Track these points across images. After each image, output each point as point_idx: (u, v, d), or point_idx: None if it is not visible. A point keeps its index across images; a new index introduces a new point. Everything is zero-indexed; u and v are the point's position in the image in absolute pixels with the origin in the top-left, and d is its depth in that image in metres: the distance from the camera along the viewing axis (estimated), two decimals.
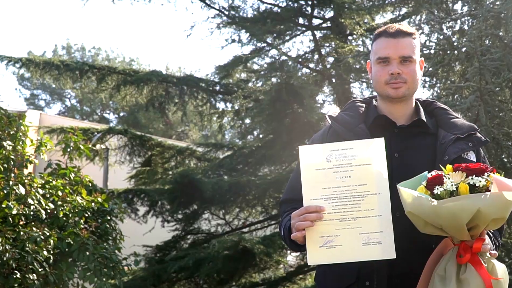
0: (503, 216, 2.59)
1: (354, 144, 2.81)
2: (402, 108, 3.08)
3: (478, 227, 2.58)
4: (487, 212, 2.52)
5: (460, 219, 2.54)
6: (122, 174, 14.55)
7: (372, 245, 2.70)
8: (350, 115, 3.10)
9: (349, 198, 2.75)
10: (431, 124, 3.09)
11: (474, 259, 2.60)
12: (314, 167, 2.81)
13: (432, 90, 9.17)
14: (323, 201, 2.77)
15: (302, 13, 13.22)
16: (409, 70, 3.01)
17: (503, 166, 7.54)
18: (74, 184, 7.38)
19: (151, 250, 12.56)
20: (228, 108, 14.75)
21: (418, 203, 2.58)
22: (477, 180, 2.55)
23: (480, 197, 2.52)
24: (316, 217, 2.75)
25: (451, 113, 3.15)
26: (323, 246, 2.75)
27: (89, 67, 13.73)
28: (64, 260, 6.82)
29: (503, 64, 7.49)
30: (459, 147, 2.94)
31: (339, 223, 2.74)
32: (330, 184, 2.78)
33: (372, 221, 2.72)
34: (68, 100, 43.56)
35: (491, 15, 7.98)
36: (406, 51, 3.01)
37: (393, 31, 3.04)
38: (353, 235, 2.73)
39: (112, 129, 14.48)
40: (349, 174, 2.77)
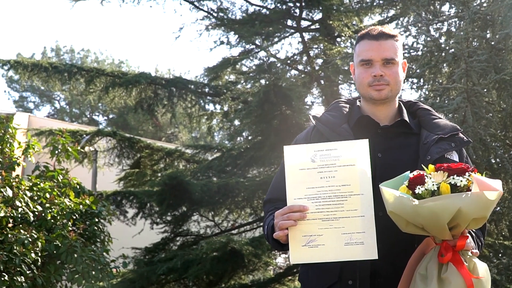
0: (484, 216, 2.61)
1: (338, 145, 2.84)
2: (385, 109, 3.11)
3: (459, 226, 2.60)
4: (468, 212, 2.54)
5: (441, 219, 2.55)
6: (111, 176, 14.54)
7: (355, 245, 2.72)
8: (333, 116, 3.12)
9: (333, 198, 2.77)
10: (414, 125, 3.11)
11: (455, 258, 2.62)
12: (299, 167, 2.83)
13: (420, 92, 9.21)
14: (307, 201, 2.78)
15: (290, 15, 13.25)
16: (391, 72, 3.04)
17: (490, 167, 7.58)
18: (62, 186, 7.36)
19: (140, 252, 12.54)
20: (217, 110, 14.77)
21: (400, 202, 2.60)
22: (458, 180, 2.57)
23: (461, 197, 2.54)
24: (299, 216, 2.76)
25: (434, 114, 3.17)
26: (305, 245, 2.76)
27: (77, 69, 13.70)
28: (52, 263, 6.80)
29: (490, 65, 7.53)
30: (442, 147, 2.96)
31: (322, 222, 2.76)
32: (314, 184, 2.79)
33: (355, 221, 2.74)
34: (57, 102, 43.46)
35: (478, 16, 8.02)
36: (388, 54, 3.03)
37: (376, 34, 3.06)
38: (336, 235, 2.74)
39: (101, 131, 14.47)
40: (333, 174, 2.79)
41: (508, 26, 7.50)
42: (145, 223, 12.90)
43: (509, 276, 8.81)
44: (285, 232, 2.79)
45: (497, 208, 8.80)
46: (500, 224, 8.85)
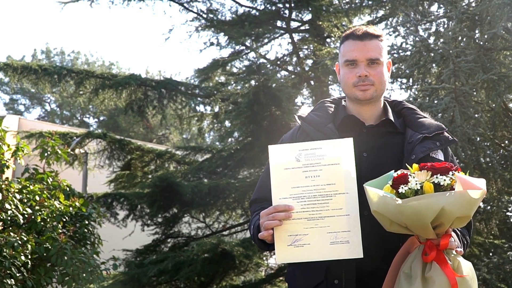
0: (468, 214, 2.62)
1: (323, 144, 2.84)
2: (370, 109, 3.11)
3: (443, 225, 2.61)
4: (451, 210, 2.55)
5: (425, 217, 2.56)
6: (102, 178, 14.52)
7: (340, 244, 2.73)
8: (319, 116, 3.12)
9: (318, 197, 2.77)
10: (399, 124, 3.12)
11: (439, 257, 2.62)
12: (284, 166, 2.83)
13: (409, 92, 9.24)
14: (292, 200, 2.79)
15: (280, 16, 13.27)
16: (376, 73, 3.04)
17: (479, 166, 7.61)
18: (52, 189, 7.34)
19: (131, 254, 12.53)
20: (208, 111, 14.77)
21: (383, 202, 2.61)
22: (442, 179, 2.58)
23: (444, 195, 2.55)
24: (284, 216, 2.77)
25: (419, 113, 3.17)
26: (291, 245, 2.77)
27: (67, 71, 13.69)
28: (42, 265, 6.78)
29: (478, 65, 7.55)
30: (427, 146, 2.96)
31: (307, 222, 2.77)
32: (299, 183, 2.80)
33: (340, 220, 2.74)
34: (47, 105, 43.35)
35: (466, 16, 8.05)
36: (373, 54, 3.03)
37: (360, 34, 3.06)
38: (321, 234, 2.75)
39: (91, 133, 14.45)
40: (318, 173, 2.80)
41: (496, 25, 7.53)
42: (136, 225, 12.89)
43: (499, 274, 8.84)
44: (270, 232, 2.80)
45: (487, 207, 8.84)
46: (490, 223, 8.88)
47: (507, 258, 9.59)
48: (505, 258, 9.76)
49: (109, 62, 44.52)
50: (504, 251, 10.41)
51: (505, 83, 7.89)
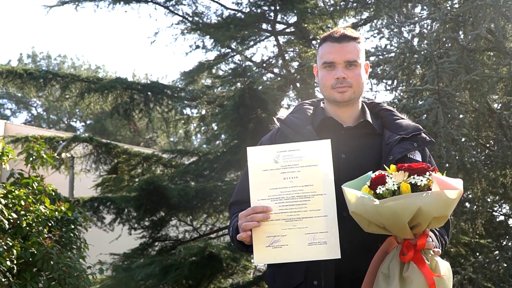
0: (445, 214, 2.64)
1: (301, 145, 2.85)
2: (349, 110, 3.13)
3: (420, 225, 2.62)
4: (428, 210, 2.56)
5: (402, 218, 2.58)
6: (89, 182, 14.49)
7: (318, 245, 2.74)
8: (297, 118, 3.14)
9: (296, 198, 2.78)
10: (377, 126, 3.14)
11: (417, 257, 2.64)
12: (262, 168, 2.85)
13: (394, 93, 9.28)
14: (270, 201, 2.80)
15: (265, 19, 13.29)
16: (354, 75, 3.06)
17: (463, 167, 7.65)
18: (37, 193, 7.32)
19: (119, 258, 12.51)
20: (194, 114, 14.78)
21: (361, 202, 2.62)
22: (419, 179, 2.60)
23: (421, 196, 2.57)
24: (262, 217, 2.78)
25: (397, 115, 3.20)
26: (269, 246, 2.78)
27: (52, 75, 13.67)
28: (28, 270, 6.75)
29: (461, 66, 7.60)
30: (404, 147, 2.98)
31: (285, 223, 2.78)
32: (277, 185, 2.81)
33: (318, 221, 2.76)
34: (34, 109, 43.18)
35: (449, 18, 8.10)
36: (351, 56, 3.05)
37: (338, 36, 3.08)
38: (299, 235, 2.76)
39: (77, 137, 14.43)
40: (296, 174, 2.81)
41: (479, 27, 7.57)
42: (123, 229, 12.86)
43: (485, 274, 8.88)
44: (248, 233, 2.81)
45: (474, 207, 8.88)
46: (476, 222, 8.92)
47: (493, 258, 9.64)
48: (491, 257, 9.82)
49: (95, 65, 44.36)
50: (490, 251, 10.46)
51: (488, 83, 7.95)
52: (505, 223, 11.08)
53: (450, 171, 7.70)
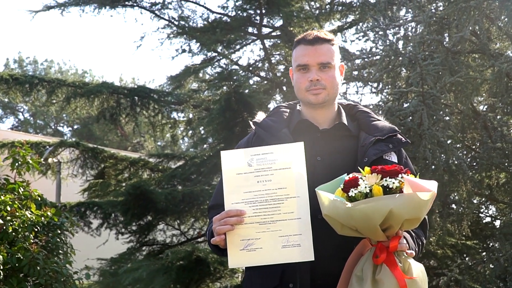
0: (418, 217, 2.64)
1: (274, 148, 2.87)
2: (324, 113, 3.14)
3: (392, 227, 2.63)
4: (400, 213, 2.57)
5: (373, 220, 2.58)
6: (75, 187, 14.45)
7: (291, 248, 2.76)
8: (274, 121, 3.15)
9: (269, 201, 2.80)
10: (353, 128, 3.15)
11: (389, 259, 2.65)
12: (236, 172, 2.86)
13: (380, 96, 9.31)
14: (244, 205, 2.81)
15: (251, 22, 13.30)
16: (328, 76, 3.06)
17: (448, 169, 7.68)
18: (23, 199, 7.30)
19: (106, 263, 12.48)
20: (181, 118, 14.78)
21: (333, 205, 2.63)
22: (391, 182, 2.60)
23: (392, 198, 2.58)
24: (236, 221, 2.80)
25: (373, 116, 3.21)
26: (243, 249, 2.79)
27: (39, 80, 13.65)
28: (14, 275, 6.73)
29: (445, 68, 7.63)
30: (379, 149, 2.99)
31: (259, 226, 2.79)
32: (251, 188, 2.82)
33: (292, 224, 2.77)
34: (21, 114, 43.08)
35: (434, 20, 8.13)
36: (324, 58, 3.06)
37: (311, 38, 3.08)
38: (273, 238, 2.77)
39: (64, 142, 14.40)
40: (269, 177, 2.82)
41: (463, 29, 7.61)
42: (110, 234, 12.84)
43: (472, 275, 8.92)
44: (221, 237, 2.83)
45: (460, 208, 8.92)
46: (462, 224, 8.95)
47: (480, 259, 9.69)
48: (477, 258, 9.87)
49: (82, 70, 44.38)
50: (477, 252, 10.51)
51: (472, 85, 7.99)
52: (491, 225, 11.13)
53: (435, 172, 7.73)
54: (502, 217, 10.12)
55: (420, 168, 7.86)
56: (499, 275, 8.42)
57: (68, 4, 13.67)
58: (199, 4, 13.92)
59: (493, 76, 7.72)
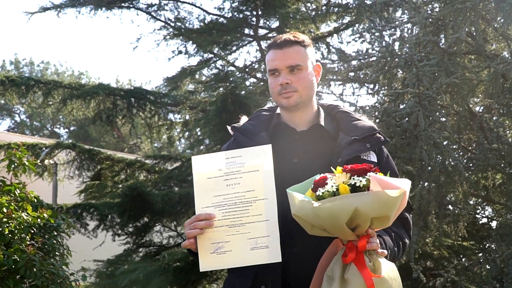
0: (386, 215, 2.62)
1: (243, 152, 2.89)
2: (301, 114, 3.12)
3: (360, 226, 2.62)
4: (366, 211, 2.55)
5: (339, 219, 2.56)
6: (72, 189, 14.44)
7: (260, 249, 2.77)
8: (253, 125, 3.16)
9: (238, 204, 2.82)
10: (332, 128, 3.13)
11: (358, 258, 2.63)
12: (206, 176, 2.89)
13: (377, 97, 9.33)
14: (214, 209, 2.83)
15: (247, 24, 13.31)
16: (298, 79, 3.04)
17: (444, 170, 7.69)
18: (20, 200, 7.29)
19: (102, 264, 12.47)
20: (177, 119, 14.78)
21: (301, 205, 2.62)
22: (358, 180, 2.58)
23: (357, 196, 2.56)
24: (205, 225, 2.81)
25: (353, 116, 3.18)
26: (214, 252, 2.82)
27: (35, 82, 13.62)
28: (11, 277, 6.73)
29: (441, 69, 7.65)
30: (355, 148, 2.98)
31: (229, 229, 2.81)
32: (221, 192, 2.85)
33: (260, 226, 2.78)
34: (17, 116, 43.05)
35: (430, 21, 8.15)
36: (293, 61, 3.04)
37: (280, 42, 3.08)
38: (242, 240, 2.79)
39: (60, 144, 14.38)
40: (238, 181, 2.84)
41: (459, 30, 7.63)
42: (106, 235, 12.83)
43: (468, 276, 8.93)
44: (191, 241, 2.85)
45: (456, 210, 8.93)
46: (458, 225, 8.97)
47: (476, 260, 9.70)
48: (474, 259, 9.88)
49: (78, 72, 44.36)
50: (473, 253, 10.53)
51: (468, 86, 8.00)
52: (487, 226, 11.15)
53: (432, 173, 7.75)
54: (499, 218, 10.14)
55: (416, 169, 7.88)
56: (495, 276, 8.44)
57: (64, 5, 13.67)
58: (196, 6, 13.94)
59: (489, 77, 7.73)
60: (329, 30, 13.23)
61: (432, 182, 7.97)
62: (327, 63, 10.62)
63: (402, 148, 7.95)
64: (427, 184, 8.05)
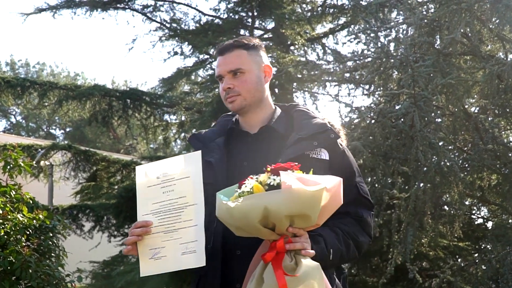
0: (304, 213, 2.58)
1: (177, 159, 2.94)
2: (253, 117, 3.11)
3: (277, 225, 2.59)
4: (276, 209, 2.52)
5: (251, 219, 2.55)
6: (68, 190, 14.45)
7: (189, 254, 2.82)
8: (213, 131, 3.18)
9: (172, 210, 2.87)
10: (286, 128, 3.09)
11: (276, 258, 2.61)
12: (147, 184, 2.96)
13: (372, 97, 9.34)
14: (152, 216, 2.89)
15: (243, 25, 13.34)
16: (240, 82, 3.03)
17: (440, 170, 7.69)
18: (15, 202, 7.29)
19: (98, 265, 12.47)
20: (173, 120, 14.79)
21: (220, 207, 2.65)
22: (272, 179, 2.57)
23: (267, 195, 2.54)
24: (141, 232, 2.87)
25: (307, 115, 3.13)
26: (152, 258, 2.88)
27: (30, 83, 13.64)
28: (6, 279, 6.72)
29: (437, 70, 7.66)
30: (299, 147, 2.93)
31: (164, 235, 2.87)
32: (158, 199, 2.91)
33: (190, 231, 2.83)
34: (13, 117, 42.99)
35: (425, 22, 8.16)
36: (233, 65, 3.03)
37: (221, 48, 3.09)
38: (175, 246, 2.85)
39: (56, 145, 14.39)
40: (172, 188, 2.89)
41: (454, 31, 7.64)
42: (102, 236, 12.83)
43: (464, 277, 8.95)
44: (128, 248, 2.92)
45: (451, 211, 8.95)
46: (454, 226, 8.99)
47: (472, 260, 9.72)
48: (470, 260, 9.89)
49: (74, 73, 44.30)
50: (469, 253, 10.55)
51: (464, 87, 8.01)
52: (483, 226, 11.17)
53: (427, 174, 7.75)
54: (494, 218, 10.16)
55: (412, 170, 7.89)
56: (491, 277, 8.45)
57: (59, 6, 13.69)
58: (191, 7, 13.98)
59: (484, 78, 7.74)
60: (324, 31, 13.27)
61: (428, 183, 7.97)
62: (323, 64, 10.64)
63: (397, 149, 7.96)
64: (423, 184, 8.06)
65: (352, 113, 8.43)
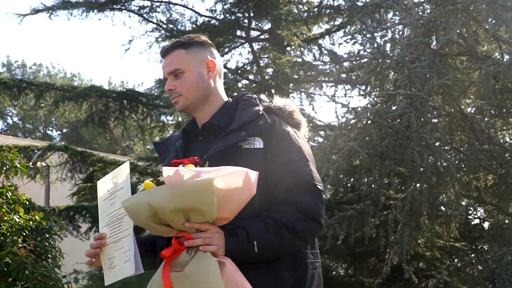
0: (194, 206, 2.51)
1: (116, 171, 2.97)
2: (202, 114, 3.04)
3: (170, 222, 2.55)
4: (159, 205, 2.49)
5: (140, 217, 2.55)
6: (64, 191, 14.43)
7: (128, 263, 2.84)
8: (178, 134, 3.17)
9: (116, 221, 2.91)
10: (226, 122, 2.98)
11: (172, 255, 2.59)
12: (103, 198, 3.01)
13: (368, 98, 9.35)
14: (106, 228, 2.95)
15: (239, 26, 13.34)
16: (180, 83, 2.98)
17: (436, 171, 7.70)
18: (11, 203, 7.28)
19: (95, 267, 12.43)
20: (170, 121, 14.79)
21: None
22: (162, 176, 2.55)
23: (150, 192, 2.53)
24: (97, 244, 2.93)
25: (249, 103, 3.01)
26: (110, 268, 2.94)
27: (27, 84, 13.62)
28: (3, 280, 6.72)
29: (433, 71, 7.67)
30: (227, 140, 2.86)
31: (114, 245, 2.92)
32: (108, 211, 2.96)
33: (128, 240, 2.86)
34: (9, 118, 42.98)
35: (421, 23, 8.17)
36: (171, 66, 3.00)
37: (162, 52, 3.06)
38: (121, 255, 2.89)
39: (52, 146, 14.36)
40: (115, 199, 2.93)
41: (450, 31, 7.65)
42: None
43: (461, 277, 8.95)
44: (89, 260, 3.01)
45: (448, 211, 8.95)
46: (450, 226, 8.99)
47: (468, 261, 9.72)
48: (466, 260, 9.90)
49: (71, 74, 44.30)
50: (466, 254, 10.56)
51: (460, 88, 8.02)
52: (479, 226, 11.18)
53: (424, 174, 7.76)
54: (490, 218, 10.18)
55: (408, 170, 7.90)
56: (487, 277, 8.46)
57: (56, 7, 13.68)
58: (188, 8, 13.97)
59: (480, 78, 7.75)
60: (321, 32, 13.28)
61: (424, 183, 7.98)
62: (319, 65, 10.64)
63: (394, 149, 7.97)
64: (419, 185, 8.06)
65: (348, 114, 8.44)
